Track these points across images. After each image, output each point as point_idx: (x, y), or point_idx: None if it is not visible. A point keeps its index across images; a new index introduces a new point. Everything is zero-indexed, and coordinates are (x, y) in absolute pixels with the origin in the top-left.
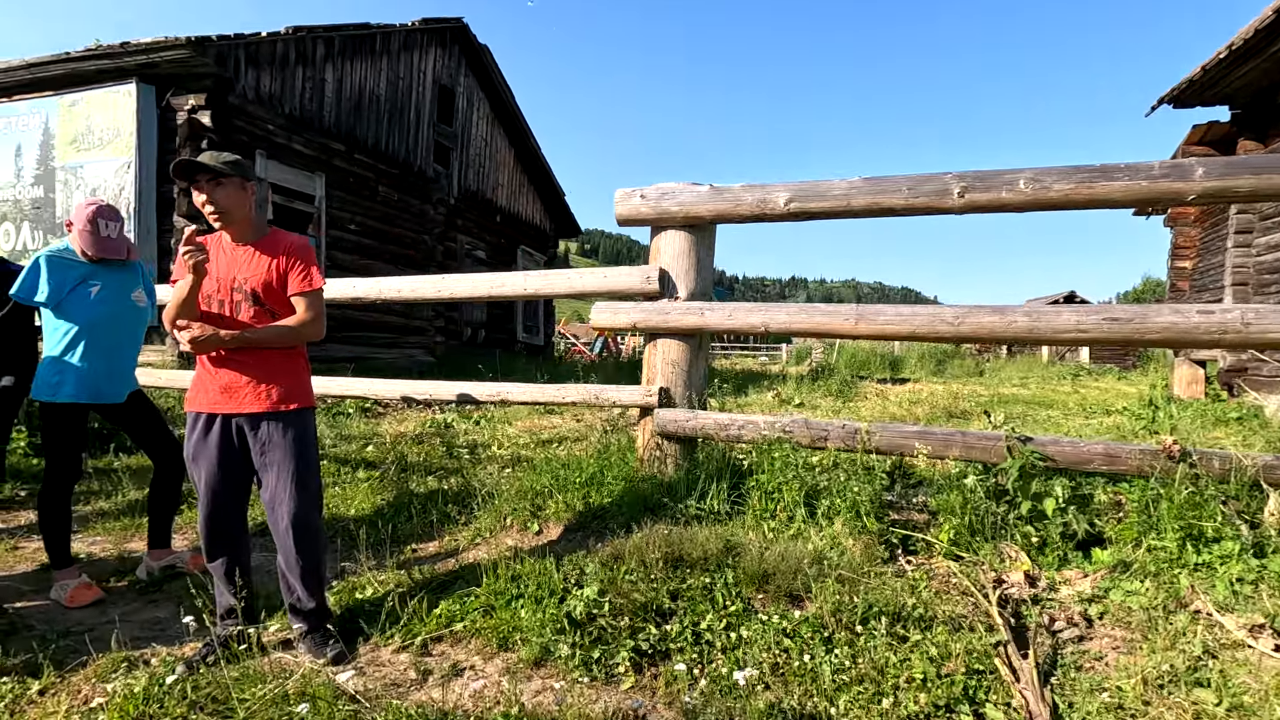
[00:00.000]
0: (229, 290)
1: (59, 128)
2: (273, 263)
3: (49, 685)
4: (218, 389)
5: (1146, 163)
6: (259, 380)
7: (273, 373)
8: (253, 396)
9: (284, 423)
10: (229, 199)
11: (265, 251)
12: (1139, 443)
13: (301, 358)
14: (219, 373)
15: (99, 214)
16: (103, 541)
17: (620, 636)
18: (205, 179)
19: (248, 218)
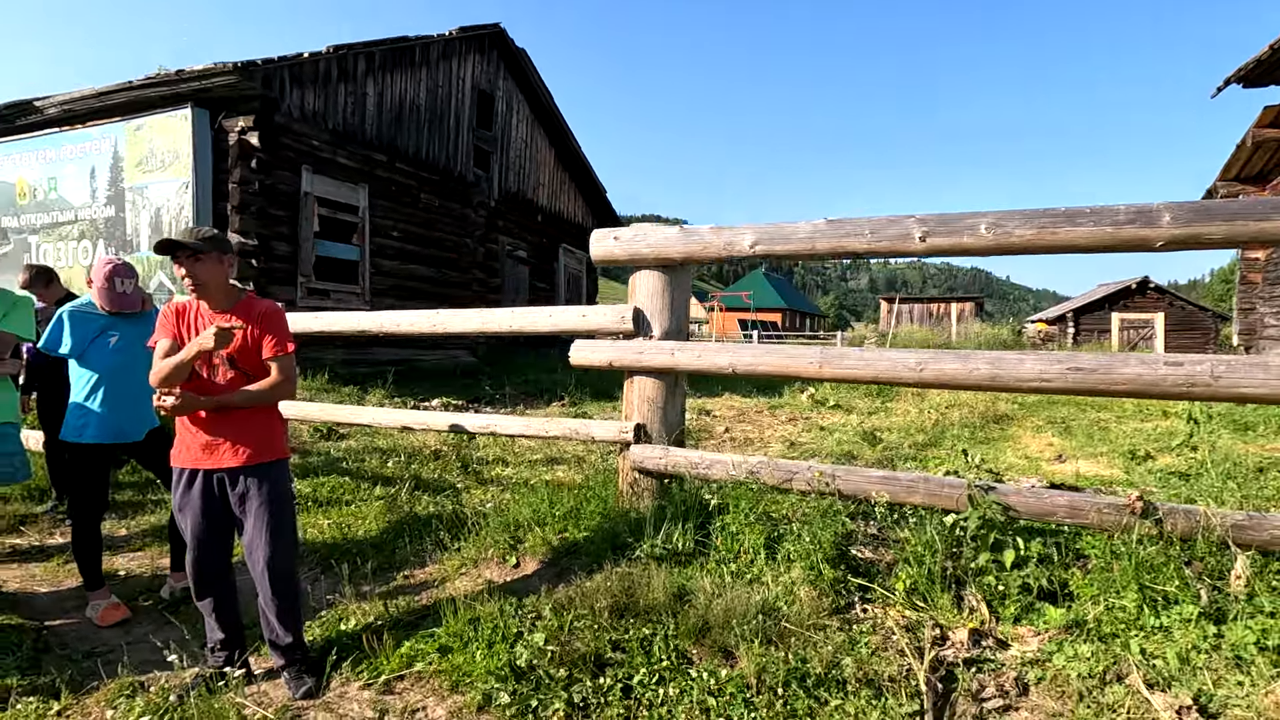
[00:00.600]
0: (208, 354)
1: (126, 151)
2: (247, 329)
3: (67, 706)
4: (199, 446)
5: (1112, 207)
6: (235, 437)
7: (247, 430)
8: (230, 453)
9: (259, 476)
10: (206, 272)
11: (240, 318)
12: (1103, 496)
13: (275, 413)
14: (199, 432)
15: (115, 272)
16: (140, 558)
17: (557, 687)
18: (184, 255)
19: (223, 288)
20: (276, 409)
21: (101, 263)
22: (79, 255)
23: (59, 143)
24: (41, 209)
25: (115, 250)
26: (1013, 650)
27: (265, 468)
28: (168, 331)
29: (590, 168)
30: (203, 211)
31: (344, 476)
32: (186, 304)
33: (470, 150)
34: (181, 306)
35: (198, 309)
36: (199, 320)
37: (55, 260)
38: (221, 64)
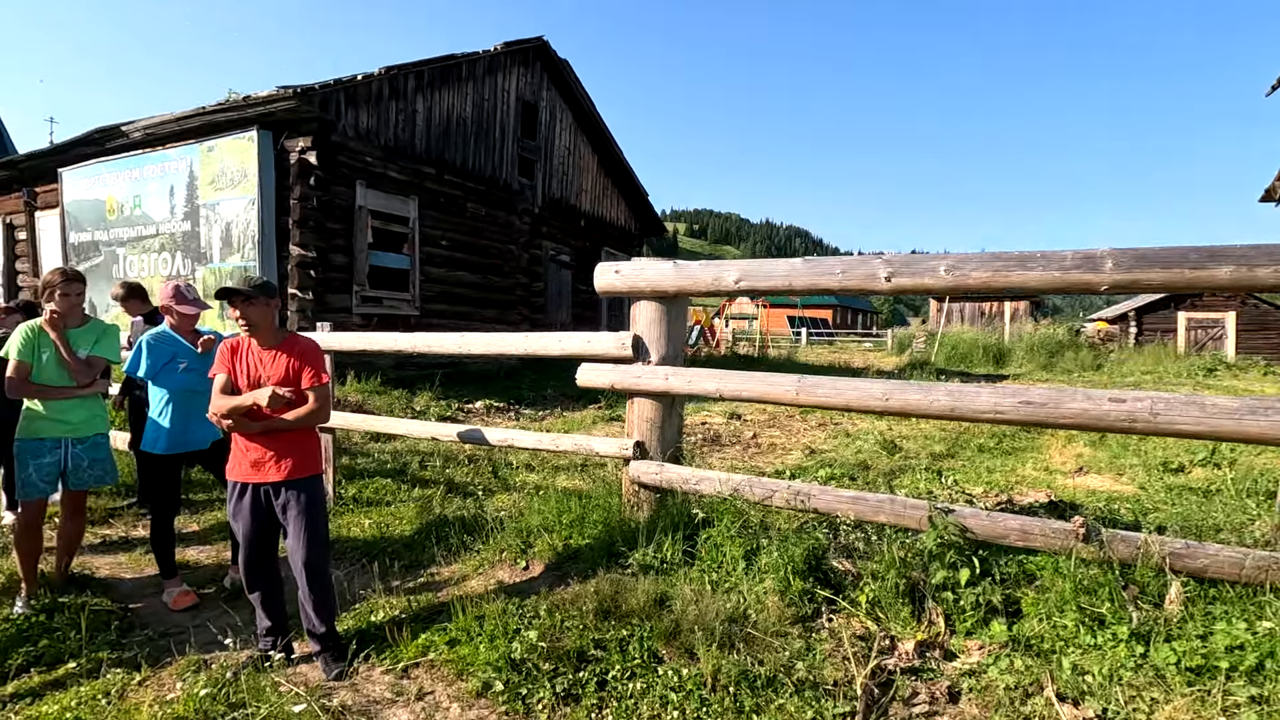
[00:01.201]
0: (257, 384)
1: (200, 170)
2: (289, 362)
3: (145, 678)
4: (249, 463)
5: (1059, 252)
6: (279, 456)
7: (289, 450)
8: (274, 469)
9: (298, 489)
10: (256, 314)
11: (284, 353)
12: (1051, 521)
13: (312, 435)
14: (249, 450)
15: (178, 294)
16: (208, 550)
17: (544, 678)
18: (238, 300)
19: (270, 328)
20: (313, 430)
21: (169, 287)
22: (159, 266)
23: (142, 163)
24: (128, 224)
25: (191, 261)
26: (956, 662)
27: (303, 482)
28: (224, 366)
29: (632, 172)
30: (266, 226)
31: (387, 479)
32: (240, 340)
33: (515, 160)
34: (235, 343)
35: (249, 345)
36: (249, 356)
37: (139, 271)
38: (283, 89)
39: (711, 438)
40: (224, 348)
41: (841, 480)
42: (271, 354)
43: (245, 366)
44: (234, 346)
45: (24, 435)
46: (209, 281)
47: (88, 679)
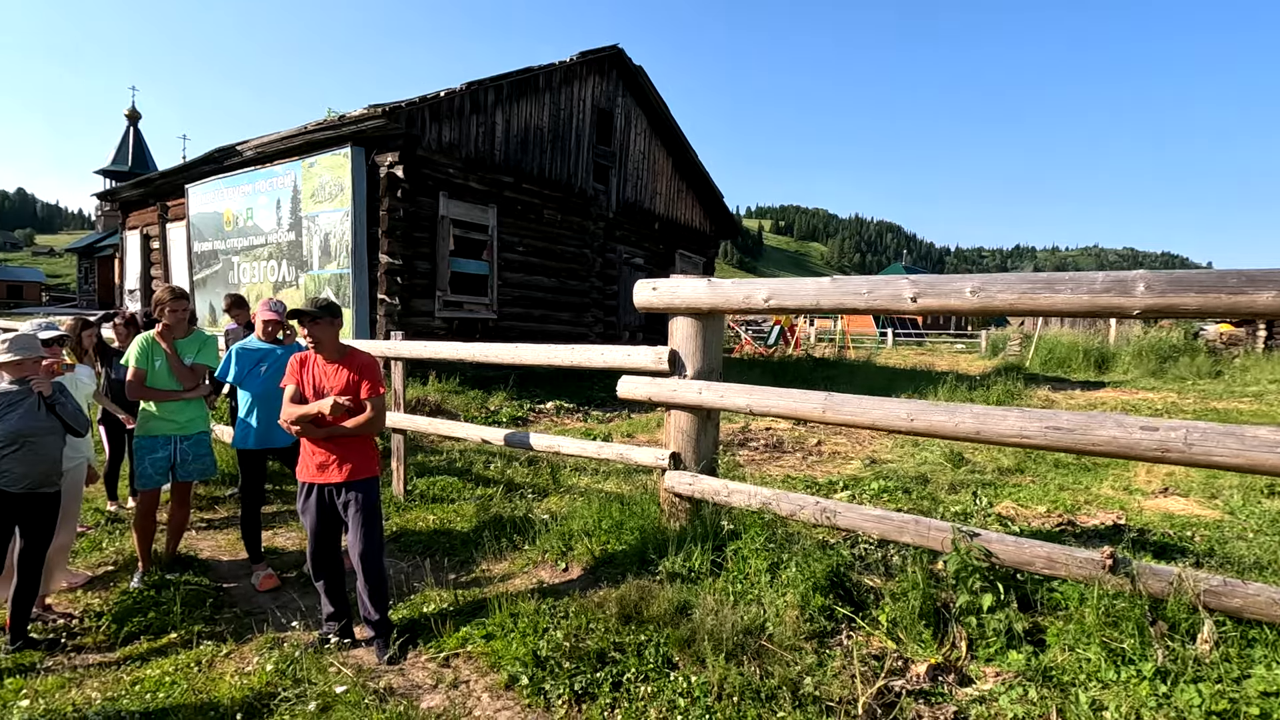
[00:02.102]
0: (322, 395)
1: (303, 184)
2: (350, 375)
3: (231, 650)
4: (314, 465)
5: (1090, 275)
6: (341, 460)
7: (349, 454)
8: (337, 471)
9: (357, 490)
10: (321, 332)
11: (345, 367)
12: (1081, 550)
13: (370, 441)
14: (315, 454)
15: (270, 308)
16: (293, 537)
17: (564, 676)
18: (306, 319)
19: (334, 344)
20: (371, 438)
21: (264, 302)
22: (268, 273)
23: (254, 179)
24: (241, 234)
25: (295, 269)
26: (970, 688)
27: (362, 483)
28: (294, 378)
29: (707, 174)
30: (359, 236)
31: (453, 476)
32: (307, 355)
33: (590, 166)
34: (304, 358)
35: (315, 360)
36: (315, 369)
37: (250, 277)
38: (373, 107)
39: (774, 444)
40: (293, 362)
41: (895, 494)
42: (335, 367)
43: (312, 378)
44: (302, 360)
45: (140, 433)
46: (309, 287)
47: (184, 649)
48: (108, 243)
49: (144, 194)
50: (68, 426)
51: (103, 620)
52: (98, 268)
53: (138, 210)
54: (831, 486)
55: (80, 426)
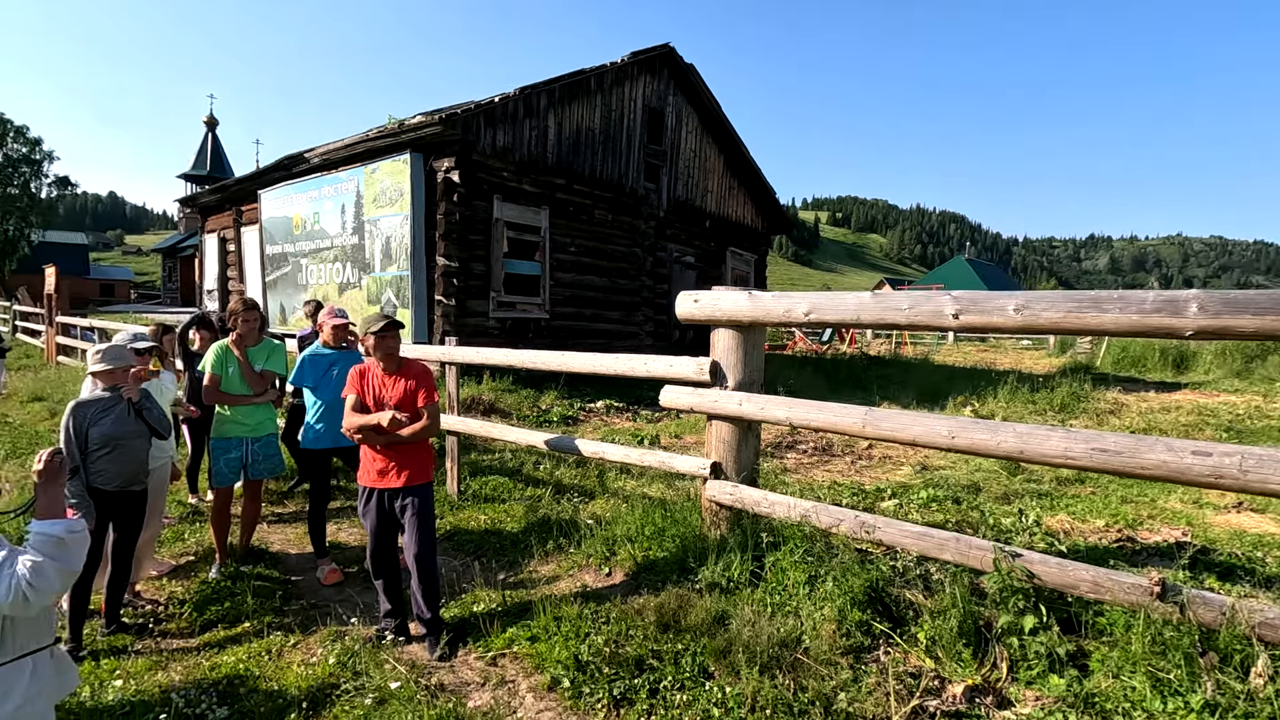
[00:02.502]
0: (381, 403)
1: (365, 190)
2: (407, 385)
3: (297, 641)
4: (375, 472)
5: (1139, 293)
6: (399, 467)
7: (407, 462)
8: (395, 478)
9: (414, 495)
10: (386, 346)
11: (403, 377)
12: (1128, 575)
13: (426, 448)
14: (375, 460)
15: (334, 316)
16: (356, 533)
17: (604, 680)
18: (389, 332)
19: (395, 355)
20: (428, 445)
21: (328, 309)
22: (333, 275)
23: (320, 184)
24: (309, 238)
25: (358, 271)
26: (1008, 711)
27: (418, 489)
28: (355, 389)
29: (759, 170)
30: (417, 239)
31: (504, 476)
32: (367, 367)
33: (641, 165)
34: (364, 369)
35: (373, 371)
36: (374, 379)
37: (317, 279)
38: (430, 114)
39: (823, 448)
40: (354, 373)
41: (944, 504)
42: (393, 378)
43: (371, 388)
44: (362, 372)
45: (215, 435)
46: (371, 289)
47: (256, 638)
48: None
49: (221, 199)
50: (153, 430)
51: (185, 608)
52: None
53: (215, 215)
54: (879, 494)
55: (164, 430)
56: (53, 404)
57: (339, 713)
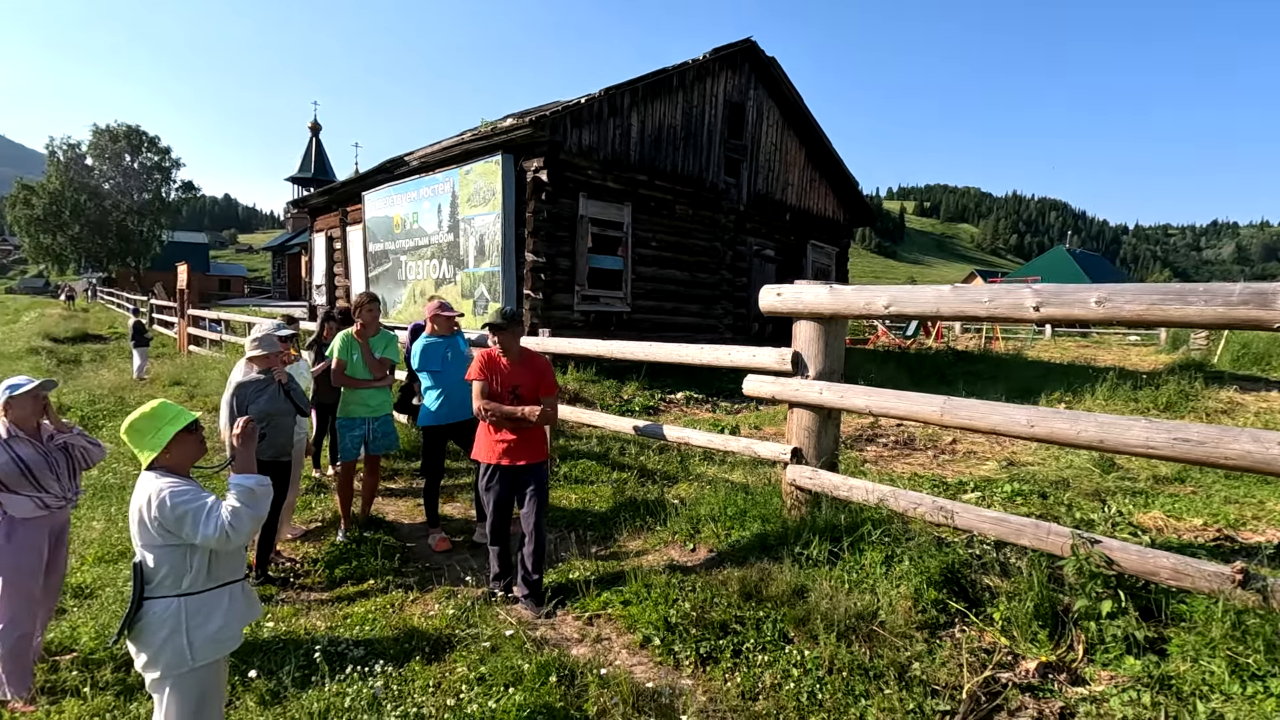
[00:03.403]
0: (510, 388)
1: (460, 190)
2: (534, 375)
3: (415, 597)
4: (500, 451)
5: (1225, 286)
6: (524, 447)
7: (531, 443)
8: (521, 455)
9: (534, 471)
10: (508, 340)
11: (526, 367)
12: (1209, 563)
13: (543, 430)
14: (500, 441)
15: (442, 307)
16: (460, 508)
17: (691, 640)
18: (497, 330)
19: (517, 348)
20: (544, 427)
21: (432, 304)
22: (430, 271)
23: (418, 185)
24: (408, 236)
25: (453, 267)
26: (1081, 688)
27: (538, 465)
28: (483, 375)
29: (841, 162)
30: (508, 237)
31: (592, 461)
32: (492, 353)
33: (721, 160)
34: (491, 356)
35: (501, 359)
36: (502, 367)
37: (416, 275)
38: (519, 116)
39: (904, 441)
40: (480, 360)
41: (1029, 498)
42: (518, 367)
43: (499, 375)
44: (489, 359)
45: (341, 415)
46: (465, 283)
47: (380, 593)
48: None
49: (328, 201)
50: (298, 408)
51: (318, 565)
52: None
53: (323, 215)
54: (961, 487)
55: (306, 408)
56: (189, 387)
57: (459, 655)
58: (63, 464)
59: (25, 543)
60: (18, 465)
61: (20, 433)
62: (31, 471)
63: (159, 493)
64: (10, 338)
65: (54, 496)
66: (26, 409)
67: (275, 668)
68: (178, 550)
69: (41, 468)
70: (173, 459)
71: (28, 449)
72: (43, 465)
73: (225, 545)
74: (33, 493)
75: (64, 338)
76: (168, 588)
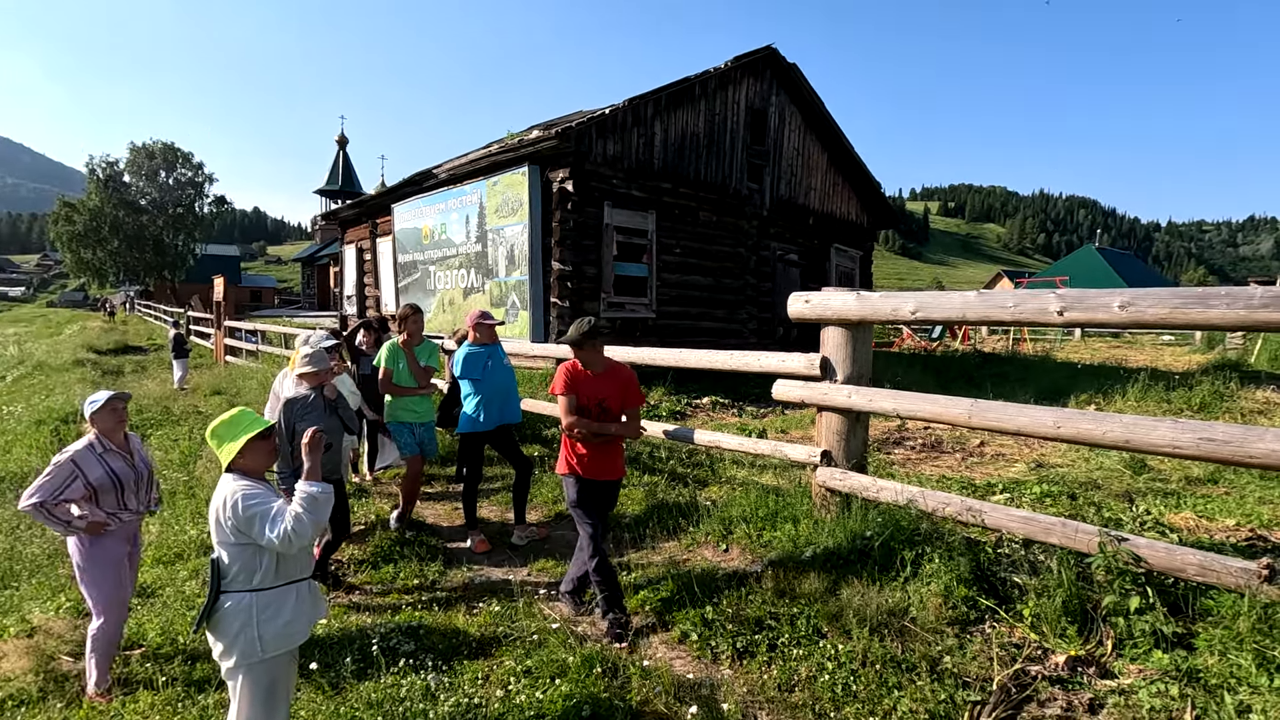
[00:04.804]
0: (598, 401)
1: (488, 201)
2: (621, 387)
3: (460, 595)
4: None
5: (1247, 290)
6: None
7: (620, 456)
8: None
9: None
10: (587, 356)
11: (611, 379)
12: (1235, 559)
13: (621, 443)
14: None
15: (483, 316)
16: (497, 510)
17: (728, 635)
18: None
19: (601, 360)
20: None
21: (473, 314)
22: (458, 280)
23: (446, 197)
24: (436, 246)
25: (481, 276)
26: (1110, 680)
27: (618, 482)
28: (570, 389)
29: (863, 165)
30: (535, 246)
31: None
32: (575, 366)
33: (744, 166)
34: (573, 370)
35: (583, 371)
36: (586, 380)
37: (444, 284)
38: (544, 127)
39: (931, 444)
40: (563, 373)
41: (1058, 499)
42: (603, 379)
43: (585, 389)
44: (570, 372)
45: (390, 420)
46: (494, 292)
47: (425, 591)
48: (325, 253)
49: (358, 213)
50: (346, 426)
51: (364, 566)
52: (316, 274)
53: (354, 227)
54: (989, 489)
55: (353, 426)
56: (229, 396)
57: (505, 650)
58: (146, 475)
59: (108, 549)
60: (111, 478)
61: (111, 445)
62: (121, 484)
63: (233, 494)
64: (56, 350)
65: (130, 513)
66: (109, 422)
67: (333, 660)
68: (249, 549)
69: (129, 480)
70: (248, 463)
71: (119, 462)
72: (130, 478)
73: (288, 549)
74: (114, 508)
75: (106, 350)
76: (241, 583)
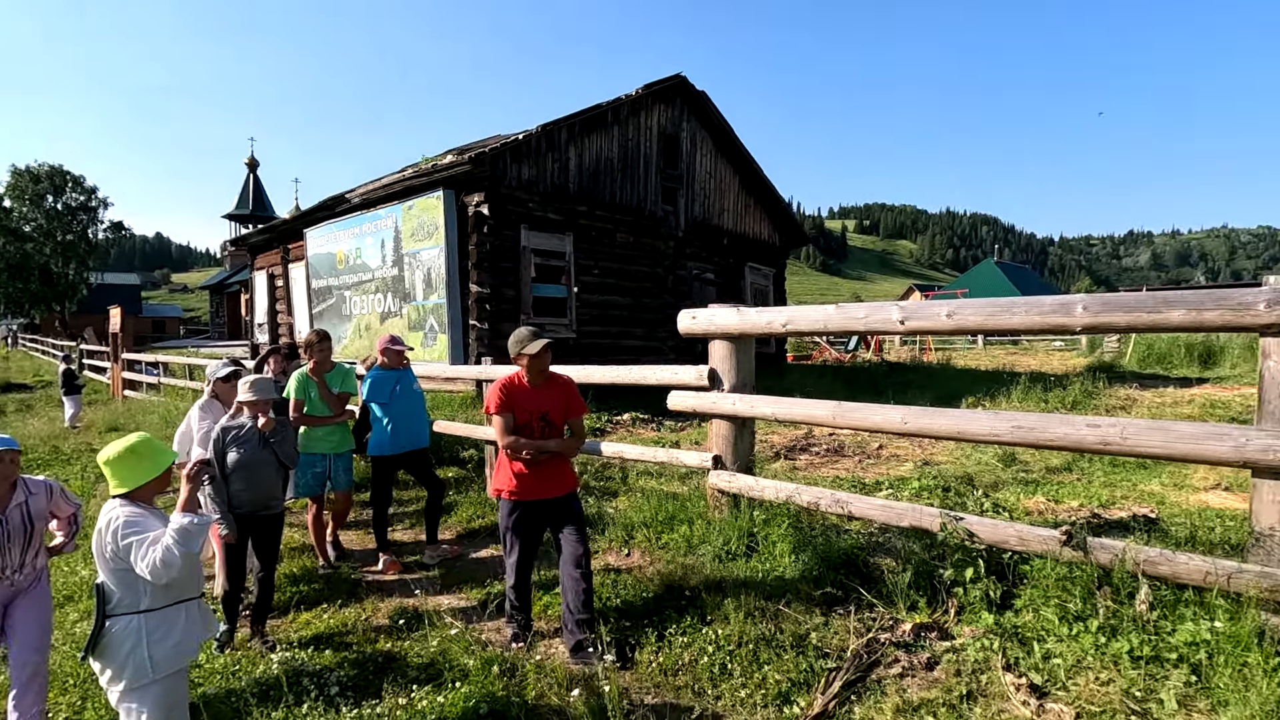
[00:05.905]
0: (539, 414)
1: (403, 225)
2: (562, 396)
3: (369, 615)
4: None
5: (1040, 300)
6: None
7: (565, 471)
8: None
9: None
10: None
11: (551, 390)
12: (1043, 529)
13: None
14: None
15: (392, 341)
16: (409, 532)
17: (621, 630)
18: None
19: (543, 370)
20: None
21: (383, 338)
22: (375, 305)
23: (361, 222)
24: (351, 271)
25: (399, 300)
26: (947, 642)
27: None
28: (506, 406)
29: (773, 188)
30: (452, 269)
31: None
32: (510, 381)
33: (659, 189)
34: (508, 385)
35: (520, 384)
36: (525, 393)
37: (360, 309)
38: (459, 152)
39: (835, 449)
40: (497, 390)
41: (934, 492)
42: (544, 390)
43: (524, 403)
44: (508, 388)
45: (303, 450)
46: (412, 316)
47: (335, 612)
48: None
49: (269, 239)
50: (280, 461)
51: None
52: (226, 302)
53: (265, 253)
54: (877, 486)
55: (290, 461)
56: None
57: (411, 660)
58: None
59: None
60: None
61: None
62: None
63: (116, 520)
64: None
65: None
66: None
67: (234, 687)
68: (130, 573)
69: None
70: (139, 493)
71: None
72: None
73: (157, 579)
74: None
75: None
76: (127, 605)
